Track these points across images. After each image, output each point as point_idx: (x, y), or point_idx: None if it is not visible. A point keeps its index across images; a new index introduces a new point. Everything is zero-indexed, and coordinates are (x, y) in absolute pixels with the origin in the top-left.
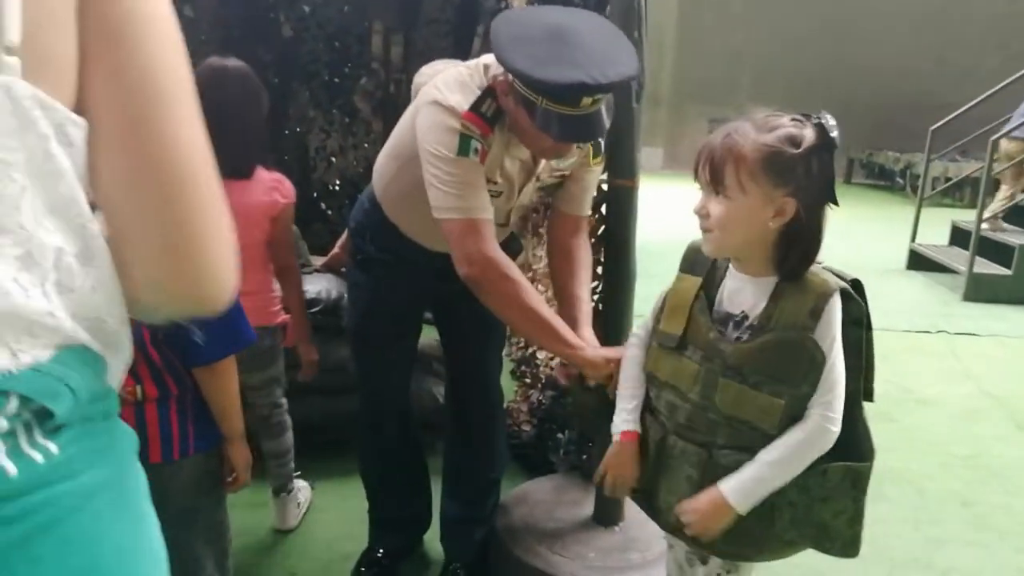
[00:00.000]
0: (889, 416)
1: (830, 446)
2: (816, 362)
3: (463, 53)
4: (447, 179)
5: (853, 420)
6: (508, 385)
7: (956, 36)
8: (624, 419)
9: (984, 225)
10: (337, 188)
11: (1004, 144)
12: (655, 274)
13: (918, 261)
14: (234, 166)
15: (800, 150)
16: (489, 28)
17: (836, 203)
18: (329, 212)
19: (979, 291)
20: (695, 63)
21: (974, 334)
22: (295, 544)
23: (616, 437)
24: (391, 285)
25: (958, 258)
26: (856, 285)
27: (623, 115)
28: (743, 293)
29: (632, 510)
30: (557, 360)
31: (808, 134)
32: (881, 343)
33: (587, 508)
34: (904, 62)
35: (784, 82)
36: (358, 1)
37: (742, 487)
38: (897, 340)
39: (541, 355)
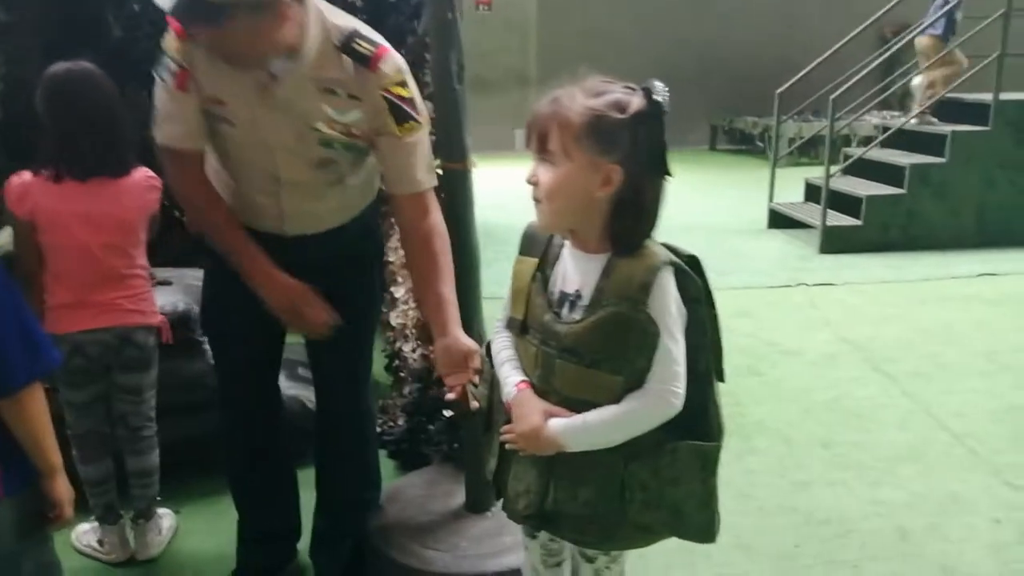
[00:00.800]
0: (756, 370)
1: (667, 418)
2: (649, 335)
3: None
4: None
5: (704, 400)
6: (385, 380)
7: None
8: (512, 373)
9: (913, 121)
10: None
11: (921, 40)
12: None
13: (777, 219)
14: (114, 164)
15: (625, 116)
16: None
17: (668, 173)
18: (184, 219)
19: (833, 243)
20: (558, 42)
21: (830, 284)
22: (159, 574)
23: (512, 392)
24: (231, 277)
25: (813, 213)
26: (692, 262)
27: (445, 97)
28: (577, 271)
29: None
30: (418, 353)
31: (636, 100)
32: (745, 300)
33: (460, 498)
34: (757, 29)
35: (646, 55)
36: None
37: (567, 424)
38: (760, 296)
39: (407, 347)
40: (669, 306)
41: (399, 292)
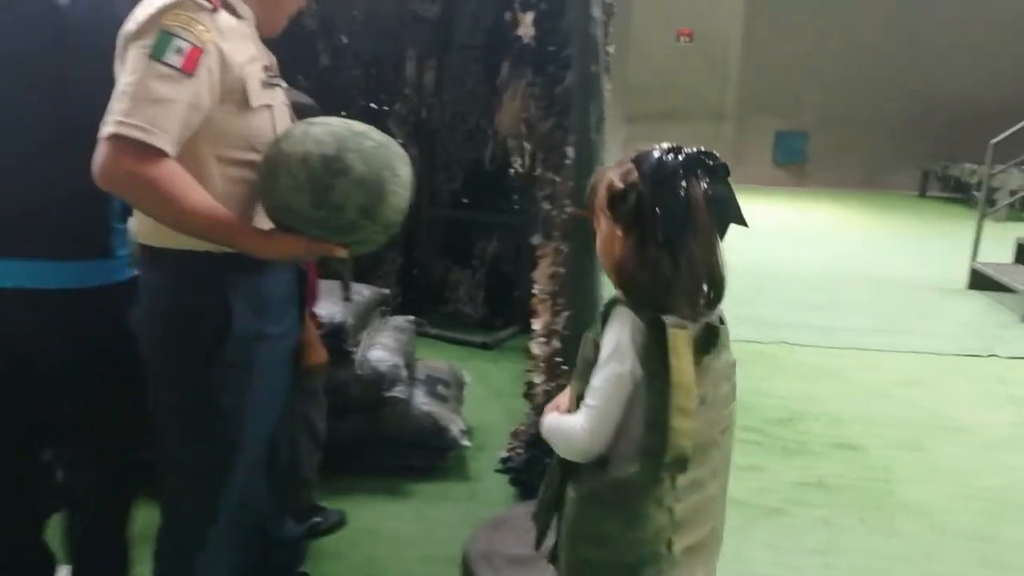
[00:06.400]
0: (915, 445)
1: (570, 449)
2: (587, 361)
3: (492, 77)
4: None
5: (635, 483)
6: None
7: None
8: None
9: None
10: None
11: None
12: None
13: (980, 280)
14: None
15: (624, 185)
16: (517, 55)
17: (670, 241)
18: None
19: None
20: (761, 76)
21: None
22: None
23: None
24: None
25: (1021, 277)
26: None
27: (583, 146)
28: None
29: None
30: (540, 388)
31: (636, 169)
32: (921, 366)
33: None
34: (984, 69)
35: (856, 92)
36: (392, 29)
37: (546, 417)
38: (940, 363)
39: (538, 379)
40: (612, 340)
41: (536, 324)
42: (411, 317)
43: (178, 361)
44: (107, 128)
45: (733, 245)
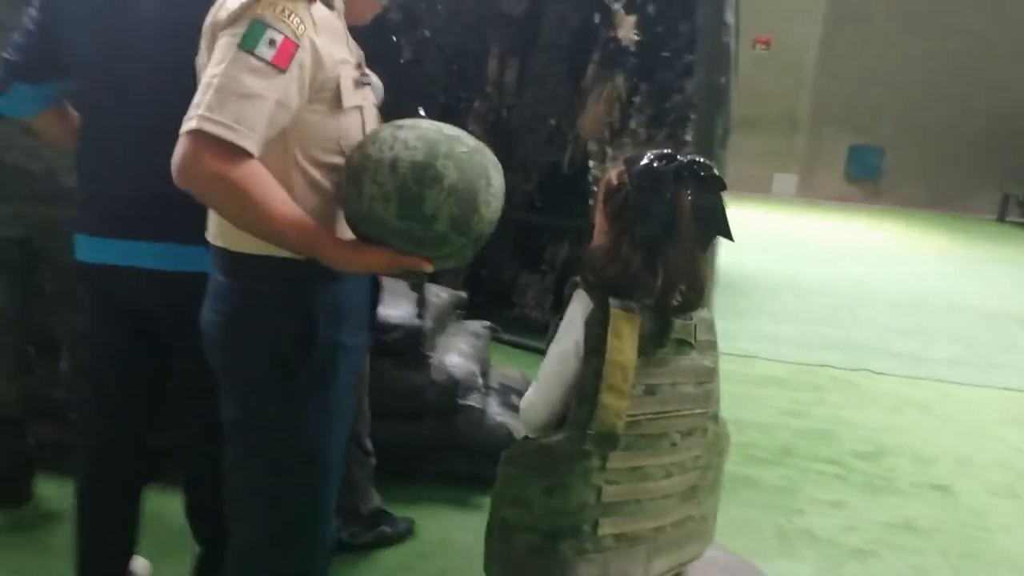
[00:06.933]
0: (1015, 491)
1: (522, 419)
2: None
3: (576, 78)
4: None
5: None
6: None
7: None
8: None
9: None
10: None
11: None
12: (771, 312)
13: None
14: None
15: (615, 184)
16: (609, 57)
17: (648, 240)
18: None
19: None
20: (838, 87)
21: None
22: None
23: None
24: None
25: None
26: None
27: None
28: None
29: None
30: None
31: (626, 171)
32: (1015, 405)
33: None
34: None
35: (937, 109)
36: (476, 25)
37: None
38: None
39: None
40: (566, 320)
41: None
42: (487, 323)
43: (257, 374)
44: (190, 122)
45: (805, 259)
